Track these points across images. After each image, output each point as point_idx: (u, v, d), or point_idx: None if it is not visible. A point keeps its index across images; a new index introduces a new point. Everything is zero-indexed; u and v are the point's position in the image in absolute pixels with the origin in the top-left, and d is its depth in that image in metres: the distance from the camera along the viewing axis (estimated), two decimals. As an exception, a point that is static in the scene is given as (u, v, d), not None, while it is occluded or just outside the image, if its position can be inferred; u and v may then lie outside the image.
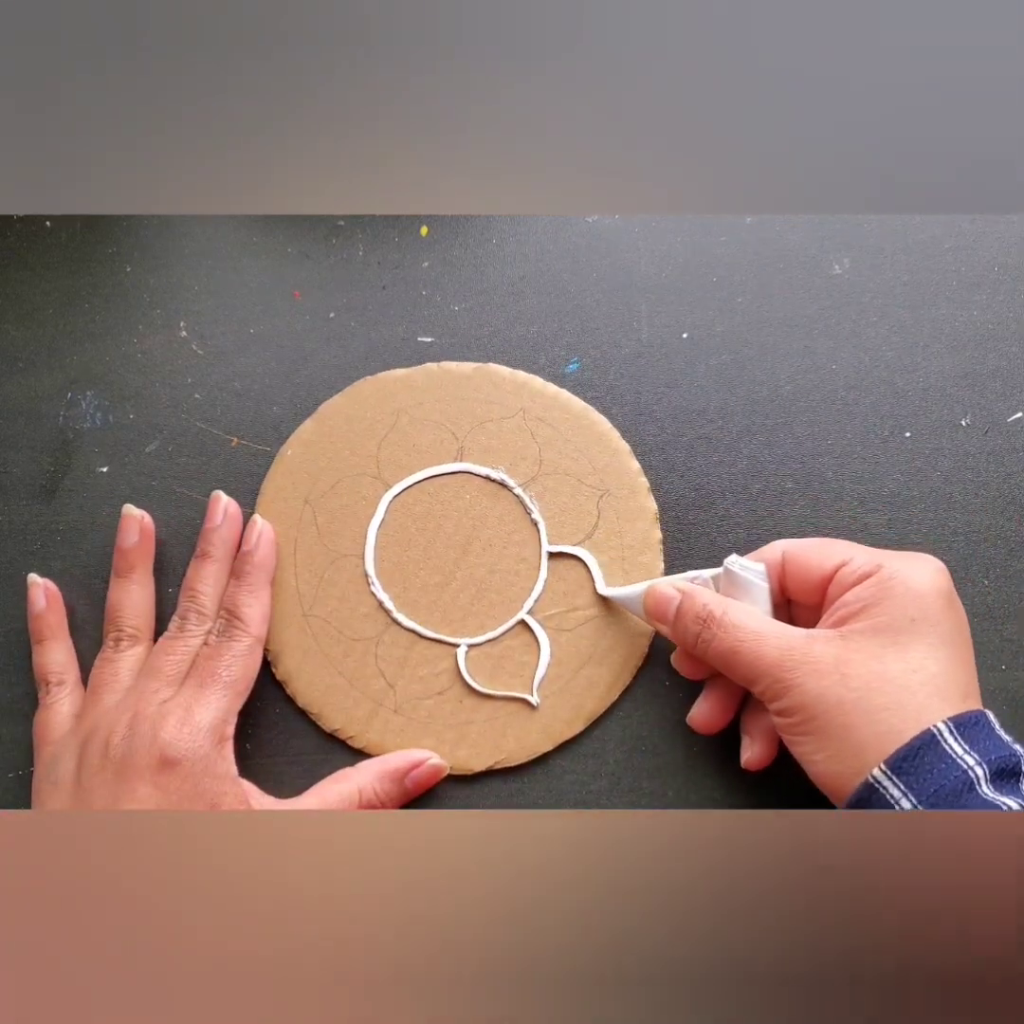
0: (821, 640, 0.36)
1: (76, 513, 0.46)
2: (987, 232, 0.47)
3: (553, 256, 0.48)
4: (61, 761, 0.39)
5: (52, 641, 0.43)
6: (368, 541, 0.44)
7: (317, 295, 0.47)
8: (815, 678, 0.35)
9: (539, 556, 0.44)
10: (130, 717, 0.39)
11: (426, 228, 0.48)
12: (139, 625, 0.43)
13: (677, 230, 0.47)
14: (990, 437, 0.45)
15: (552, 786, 0.42)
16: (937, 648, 0.35)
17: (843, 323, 0.46)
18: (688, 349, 0.46)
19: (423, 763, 0.41)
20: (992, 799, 0.32)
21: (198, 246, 0.48)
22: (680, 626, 0.39)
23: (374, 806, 0.40)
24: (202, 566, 0.43)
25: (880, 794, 0.33)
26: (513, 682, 0.43)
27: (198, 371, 0.47)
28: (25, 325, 0.48)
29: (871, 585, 0.36)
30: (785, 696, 0.35)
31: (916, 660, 0.35)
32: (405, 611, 0.43)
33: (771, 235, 0.47)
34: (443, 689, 0.43)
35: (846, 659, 0.35)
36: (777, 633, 0.37)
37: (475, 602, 0.43)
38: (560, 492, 0.44)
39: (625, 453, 0.45)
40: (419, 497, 0.44)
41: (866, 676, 0.34)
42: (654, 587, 0.40)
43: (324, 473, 0.45)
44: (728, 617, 0.37)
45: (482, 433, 0.45)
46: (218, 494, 0.44)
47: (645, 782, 0.42)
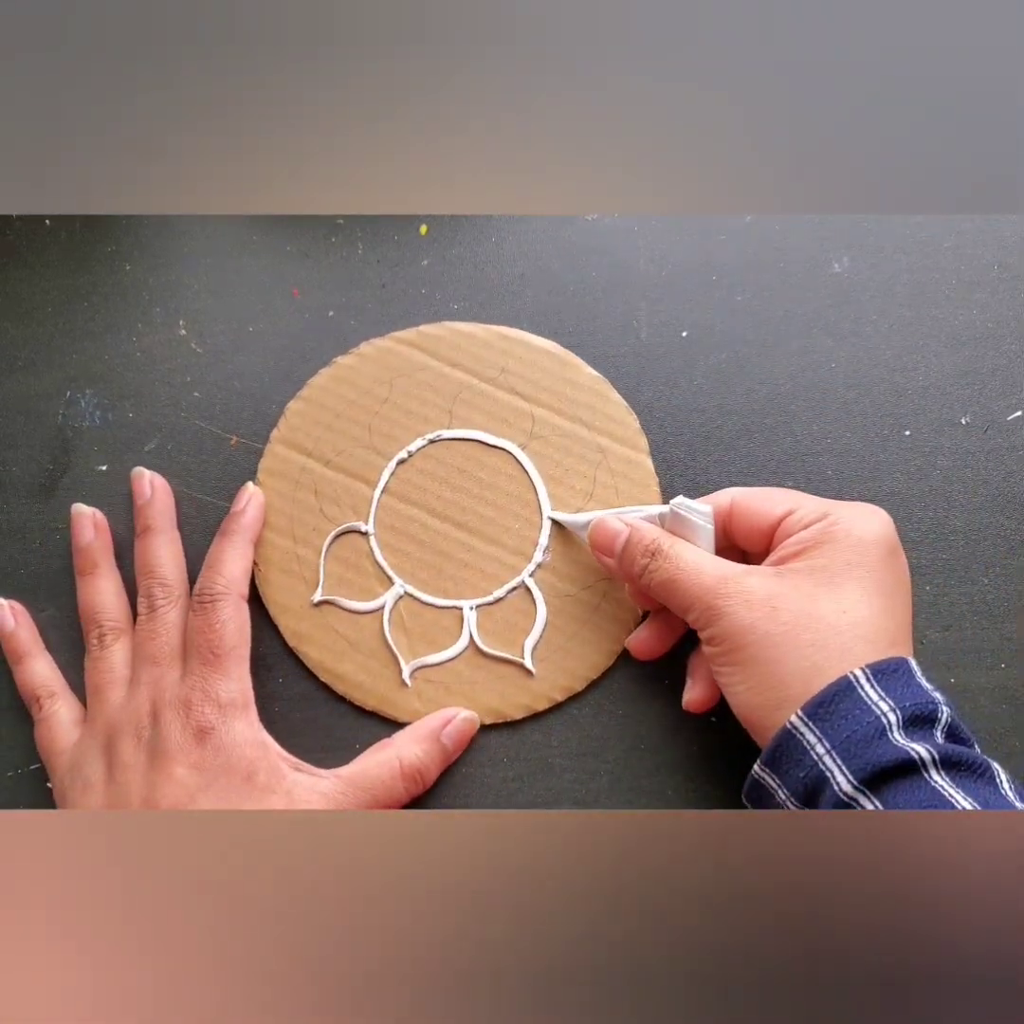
0: (757, 574, 0.37)
1: (75, 512, 0.46)
2: (987, 232, 0.47)
3: (553, 255, 0.48)
4: (85, 765, 0.39)
5: (30, 658, 0.43)
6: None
7: (316, 294, 0.47)
8: (746, 608, 0.35)
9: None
10: (149, 708, 0.39)
11: (425, 227, 0.48)
12: (117, 617, 0.43)
13: (677, 230, 0.47)
14: (990, 435, 0.45)
15: (552, 785, 0.42)
16: (871, 594, 0.36)
17: (843, 322, 0.46)
18: (688, 348, 0.46)
19: (454, 718, 0.42)
20: (902, 745, 0.32)
21: (197, 245, 0.48)
22: (627, 558, 0.39)
23: (417, 769, 0.41)
24: (149, 540, 0.43)
25: (797, 740, 0.34)
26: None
27: (197, 370, 0.47)
28: (24, 324, 0.48)
29: (814, 530, 0.37)
30: (715, 624, 0.36)
31: (848, 602, 0.35)
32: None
33: (771, 235, 0.47)
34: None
35: (779, 594, 0.36)
36: (715, 564, 0.37)
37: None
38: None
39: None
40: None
41: (796, 612, 0.35)
42: (602, 520, 0.41)
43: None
44: (672, 549, 0.38)
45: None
46: (140, 470, 0.44)
47: (645, 781, 0.42)
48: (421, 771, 0.41)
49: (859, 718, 0.33)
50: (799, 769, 0.34)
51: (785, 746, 0.34)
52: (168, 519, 0.44)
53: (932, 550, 0.44)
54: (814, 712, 0.34)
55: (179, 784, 0.37)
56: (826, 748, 0.33)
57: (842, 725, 0.33)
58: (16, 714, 0.44)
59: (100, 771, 0.39)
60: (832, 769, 0.33)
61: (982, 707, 0.42)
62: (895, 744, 0.32)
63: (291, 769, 0.40)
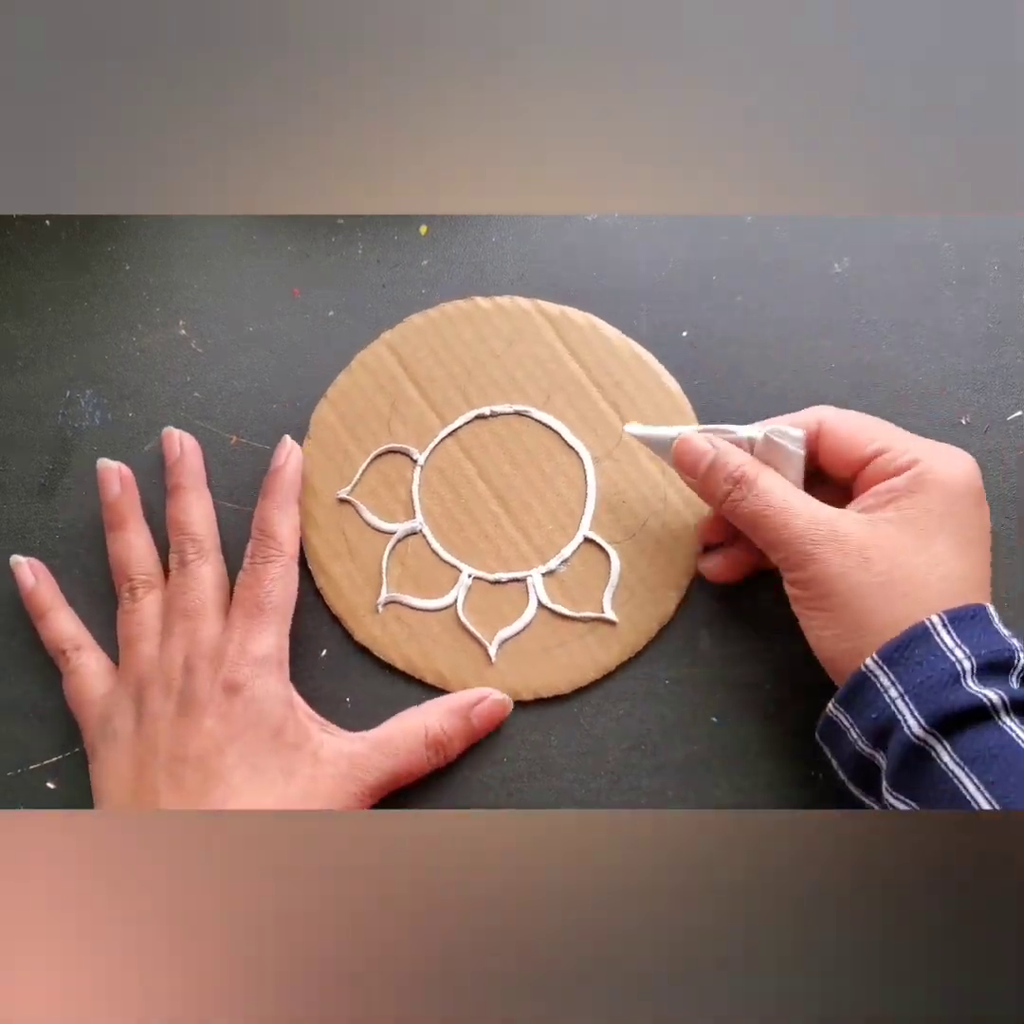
0: (849, 521, 0.36)
1: (75, 511, 0.46)
2: (987, 232, 0.47)
3: (553, 255, 0.48)
4: (116, 715, 0.40)
5: (53, 612, 0.43)
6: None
7: (316, 294, 0.47)
8: (839, 556, 0.35)
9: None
10: (181, 660, 0.40)
11: (425, 227, 0.48)
12: (149, 571, 0.43)
13: (677, 230, 0.47)
14: (990, 435, 0.45)
15: (552, 785, 0.42)
16: (960, 547, 0.36)
17: (843, 323, 0.46)
18: (688, 348, 0.46)
19: (487, 698, 0.42)
20: (975, 692, 0.33)
21: (197, 245, 0.48)
22: (712, 482, 0.39)
23: (441, 741, 0.41)
24: (180, 497, 0.43)
25: (871, 682, 0.34)
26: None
27: (197, 369, 0.47)
28: (24, 323, 0.48)
29: (907, 478, 0.37)
30: (806, 568, 0.36)
31: (939, 555, 0.35)
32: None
33: (771, 235, 0.47)
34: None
35: (871, 544, 0.36)
36: (807, 506, 0.37)
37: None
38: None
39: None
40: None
41: (888, 564, 0.35)
42: (687, 438, 0.40)
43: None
44: (760, 481, 0.38)
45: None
46: (170, 429, 0.45)
47: (645, 781, 0.42)
48: (445, 743, 0.41)
49: (934, 664, 0.33)
50: (871, 711, 0.34)
51: (859, 688, 0.35)
52: (198, 477, 0.44)
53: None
54: (889, 656, 0.34)
55: (207, 735, 0.38)
56: (899, 692, 0.34)
57: (916, 670, 0.34)
58: (16, 714, 0.44)
59: (129, 722, 0.39)
60: (903, 712, 0.33)
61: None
62: (968, 691, 0.33)
63: (319, 730, 0.40)
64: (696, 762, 0.42)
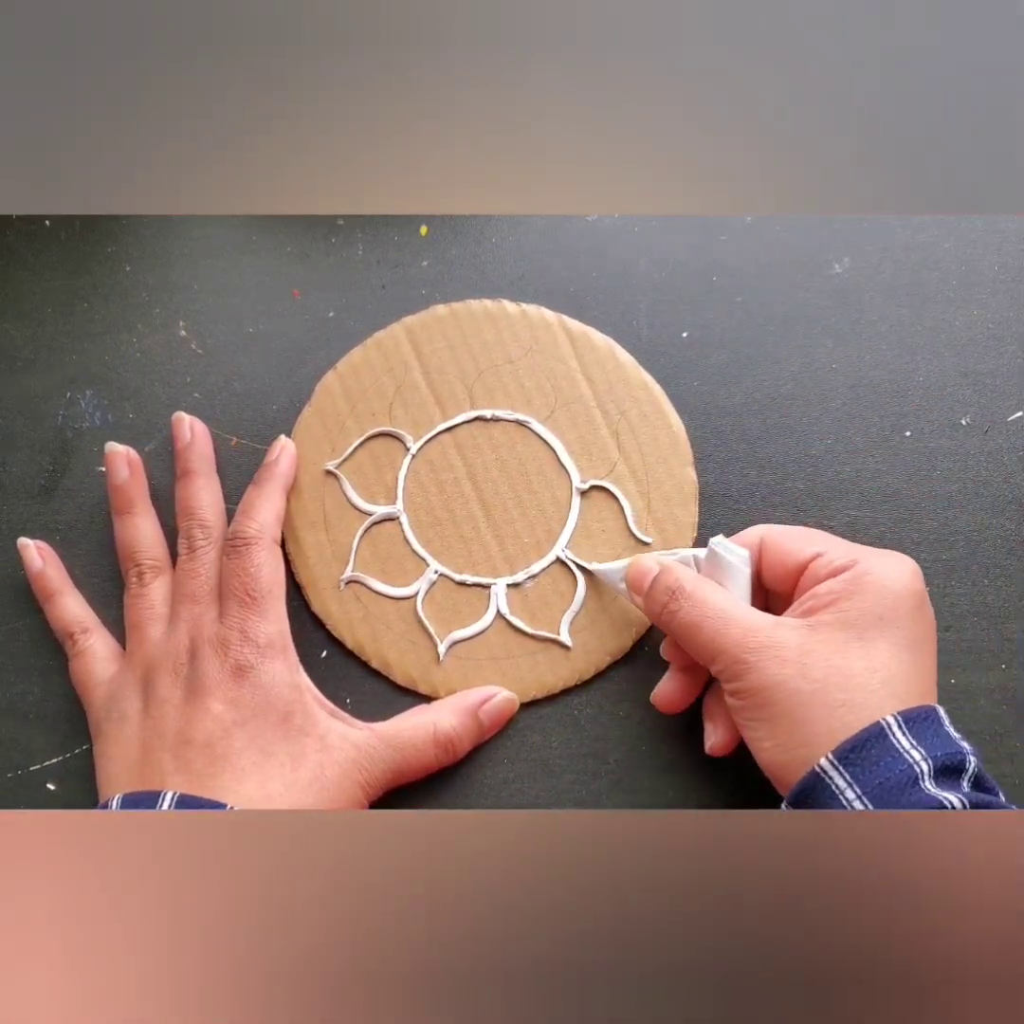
0: (786, 627, 0.36)
1: (75, 512, 0.46)
2: (987, 232, 0.47)
3: (553, 256, 0.48)
4: (122, 698, 0.40)
5: (60, 595, 0.43)
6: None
7: (316, 294, 0.47)
8: (776, 664, 0.35)
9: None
10: (188, 645, 0.40)
11: (425, 228, 0.48)
12: (157, 555, 0.43)
13: (677, 230, 0.47)
14: (990, 436, 0.45)
15: (552, 785, 0.42)
16: (902, 650, 0.35)
17: (843, 323, 0.46)
18: (688, 349, 0.46)
19: (495, 696, 0.42)
20: (934, 794, 0.32)
21: (197, 246, 0.48)
22: (652, 596, 0.39)
23: (450, 739, 0.41)
24: (189, 483, 0.43)
25: (825, 783, 0.33)
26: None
27: (197, 370, 0.47)
28: (24, 324, 0.48)
29: (844, 579, 0.36)
30: (743, 678, 0.35)
31: (879, 659, 0.35)
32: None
33: (771, 235, 0.47)
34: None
35: (809, 649, 0.35)
36: (743, 614, 0.37)
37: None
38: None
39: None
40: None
41: (827, 669, 0.34)
42: (638, 559, 0.40)
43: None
44: (697, 592, 0.37)
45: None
46: (180, 415, 0.45)
47: (645, 782, 0.42)
48: (454, 741, 0.41)
49: (891, 765, 0.33)
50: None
51: (812, 789, 0.34)
52: (207, 462, 0.44)
53: (932, 551, 0.44)
54: (845, 756, 0.33)
55: (215, 719, 0.38)
56: (856, 794, 0.33)
57: (874, 771, 0.33)
58: (15, 715, 0.44)
59: (137, 705, 0.39)
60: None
61: (982, 707, 0.42)
62: (927, 793, 0.32)
63: (327, 715, 0.40)
64: (697, 763, 0.42)
